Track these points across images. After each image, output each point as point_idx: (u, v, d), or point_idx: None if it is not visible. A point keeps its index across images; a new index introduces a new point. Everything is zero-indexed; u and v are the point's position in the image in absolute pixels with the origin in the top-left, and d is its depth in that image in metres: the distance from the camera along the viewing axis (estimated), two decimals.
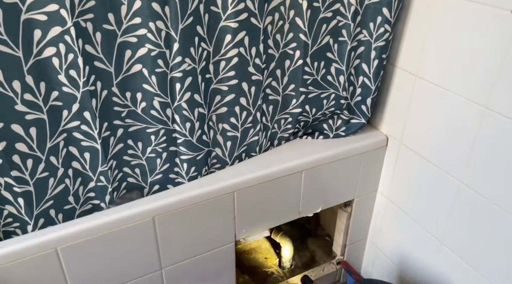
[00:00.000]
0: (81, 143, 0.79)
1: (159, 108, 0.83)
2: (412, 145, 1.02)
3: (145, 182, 0.93)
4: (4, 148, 0.70)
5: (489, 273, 0.88)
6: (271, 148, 1.07)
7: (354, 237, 1.26)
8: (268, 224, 1.06)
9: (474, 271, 0.92)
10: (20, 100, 0.68)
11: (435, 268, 1.04)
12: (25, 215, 0.78)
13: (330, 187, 1.10)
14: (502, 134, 0.79)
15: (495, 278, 0.87)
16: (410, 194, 1.07)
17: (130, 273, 0.90)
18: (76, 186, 0.84)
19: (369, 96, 1.03)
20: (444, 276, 1.01)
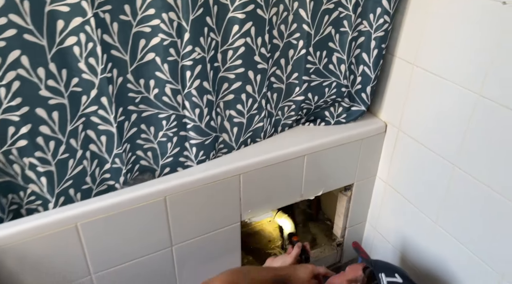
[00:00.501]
0: (98, 126, 0.85)
1: (170, 94, 0.88)
2: (410, 131, 1.07)
3: (157, 165, 0.98)
4: (29, 130, 0.76)
5: (481, 252, 0.94)
6: (275, 134, 1.12)
7: (353, 220, 1.32)
8: (272, 206, 1.12)
9: (468, 250, 0.97)
10: (44, 86, 0.74)
11: (430, 249, 1.10)
12: (47, 193, 0.84)
13: (331, 171, 1.15)
14: (494, 120, 0.84)
15: (487, 256, 0.93)
16: (408, 178, 1.12)
17: (144, 249, 0.97)
18: (93, 167, 0.90)
19: (369, 84, 1.08)
20: (439, 256, 1.07)
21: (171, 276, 1.05)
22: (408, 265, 1.19)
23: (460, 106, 0.91)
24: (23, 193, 0.84)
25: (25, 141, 0.77)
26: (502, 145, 0.83)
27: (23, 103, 0.73)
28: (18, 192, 0.84)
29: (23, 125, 0.75)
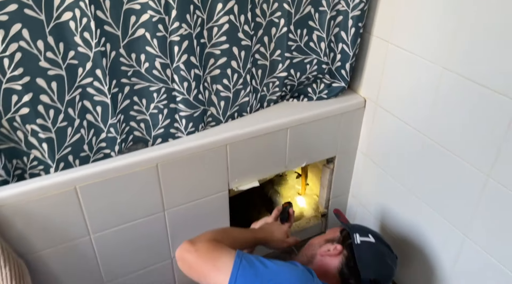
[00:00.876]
0: (94, 97, 0.92)
1: (160, 68, 0.95)
2: (386, 106, 1.15)
3: (149, 135, 1.06)
4: (30, 99, 0.83)
5: (449, 214, 1.02)
6: (261, 109, 1.20)
7: (336, 192, 1.40)
8: (258, 175, 1.20)
9: (438, 214, 1.06)
10: (43, 57, 0.81)
11: (406, 215, 1.18)
12: (48, 159, 0.92)
13: (313, 144, 1.23)
14: (458, 92, 0.91)
15: (454, 218, 1.01)
16: (385, 151, 1.20)
17: (138, 213, 1.05)
18: (90, 136, 0.98)
19: (348, 61, 1.15)
20: (413, 221, 1.15)
21: (164, 238, 1.14)
22: (387, 232, 1.27)
23: (428, 80, 0.98)
24: (26, 158, 0.92)
25: (27, 109, 0.84)
26: (466, 116, 0.90)
27: (24, 73, 0.80)
28: (22, 157, 0.92)
29: (25, 94, 0.82)
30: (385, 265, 0.93)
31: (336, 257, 0.92)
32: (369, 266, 0.90)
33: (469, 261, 0.99)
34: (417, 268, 1.18)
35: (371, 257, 0.92)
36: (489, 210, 0.90)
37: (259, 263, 0.78)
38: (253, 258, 0.79)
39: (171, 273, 1.22)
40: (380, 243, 0.96)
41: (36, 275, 0.98)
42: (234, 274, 0.75)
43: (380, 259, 0.93)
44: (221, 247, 0.81)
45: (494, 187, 0.87)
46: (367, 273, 0.89)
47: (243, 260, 0.77)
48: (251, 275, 0.76)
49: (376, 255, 0.93)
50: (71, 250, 1.00)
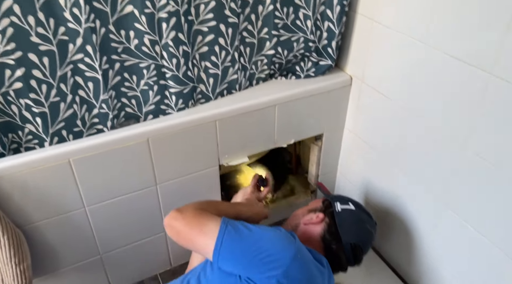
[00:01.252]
0: (85, 73, 0.95)
1: (149, 45, 0.98)
2: (371, 83, 1.18)
3: (140, 112, 1.10)
4: (23, 74, 0.87)
5: (429, 185, 1.06)
6: (250, 86, 1.23)
7: (325, 169, 1.44)
8: (247, 151, 1.24)
9: (419, 186, 1.10)
10: (35, 33, 0.84)
11: (389, 188, 1.22)
12: (42, 133, 0.96)
13: (301, 121, 1.27)
14: (436, 66, 0.94)
15: (433, 188, 1.05)
16: (370, 127, 1.24)
17: (131, 186, 1.09)
18: (82, 111, 1.01)
19: (334, 39, 1.18)
20: (397, 193, 1.20)
21: (157, 212, 1.18)
22: (372, 205, 1.32)
23: (410, 56, 1.01)
24: (21, 132, 0.96)
25: (20, 83, 0.88)
26: (445, 90, 0.94)
27: (16, 48, 0.84)
28: (17, 131, 0.95)
29: (17, 68, 0.85)
30: (365, 230, 0.98)
31: (319, 224, 0.96)
32: (349, 231, 0.95)
33: (447, 229, 1.04)
34: (399, 237, 1.23)
35: (351, 223, 0.96)
36: (465, 179, 0.94)
37: (243, 227, 0.82)
38: (238, 223, 0.84)
39: (165, 246, 1.27)
40: (360, 210, 1.01)
41: (34, 246, 1.02)
42: (220, 238, 0.80)
43: (359, 224, 0.98)
44: (207, 214, 0.85)
45: (470, 157, 0.91)
46: (347, 238, 0.93)
47: (228, 225, 0.82)
48: (236, 238, 0.80)
49: (356, 221, 0.98)
50: (67, 222, 1.04)
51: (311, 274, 0.82)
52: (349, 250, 0.94)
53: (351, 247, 0.93)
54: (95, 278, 1.20)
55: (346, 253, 0.93)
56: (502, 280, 0.92)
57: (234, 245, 0.79)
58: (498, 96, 0.81)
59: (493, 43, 0.79)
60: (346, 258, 0.94)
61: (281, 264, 0.77)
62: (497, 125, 0.83)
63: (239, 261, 0.78)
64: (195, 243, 0.83)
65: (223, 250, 0.78)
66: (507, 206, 0.86)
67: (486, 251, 0.93)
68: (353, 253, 0.94)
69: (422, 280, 1.20)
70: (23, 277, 0.96)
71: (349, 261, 0.95)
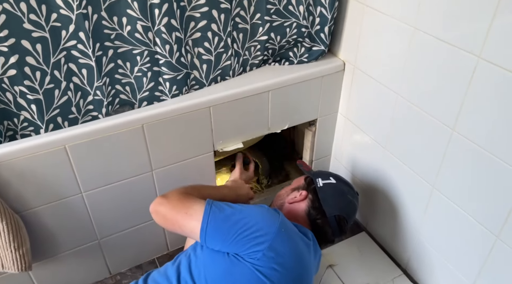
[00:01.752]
0: (79, 60, 0.96)
1: (142, 31, 0.99)
2: (363, 68, 1.19)
3: (135, 99, 1.11)
4: (17, 60, 0.87)
5: (420, 168, 1.09)
6: (244, 72, 1.24)
7: (319, 154, 1.46)
8: (242, 137, 1.26)
9: (410, 169, 1.12)
10: (27, 19, 0.84)
11: (382, 172, 1.25)
12: (38, 120, 0.97)
13: (295, 107, 1.28)
14: (426, 50, 0.95)
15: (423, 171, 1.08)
16: (362, 111, 1.26)
17: (127, 172, 1.11)
18: (77, 98, 1.02)
19: (326, 25, 1.18)
20: (390, 177, 1.22)
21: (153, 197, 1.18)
22: (365, 189, 1.34)
23: (400, 40, 1.02)
24: (16, 120, 0.97)
25: (14, 70, 0.88)
26: (434, 74, 0.95)
27: (9, 35, 0.84)
28: (12, 119, 0.96)
29: (11, 55, 0.86)
30: (347, 201, 1.03)
31: (303, 201, 1.00)
32: (332, 204, 0.99)
33: (437, 211, 1.07)
34: (390, 218, 1.26)
35: (333, 195, 1.01)
36: (454, 161, 0.97)
37: (227, 207, 0.85)
38: (222, 203, 0.86)
39: (162, 230, 1.29)
40: (341, 182, 1.05)
41: (33, 231, 1.04)
42: (205, 219, 0.82)
43: (341, 196, 1.02)
44: (191, 197, 0.88)
45: (459, 140, 0.93)
46: (331, 211, 0.98)
47: (212, 206, 0.84)
48: (221, 218, 0.83)
49: (338, 193, 1.02)
50: (64, 207, 1.06)
51: (296, 246, 0.85)
52: (334, 222, 0.98)
53: (336, 219, 0.98)
54: (94, 262, 1.22)
55: (332, 226, 0.98)
56: (489, 257, 0.95)
57: (219, 225, 0.82)
58: (486, 80, 0.83)
59: (482, 27, 0.80)
60: (332, 231, 0.98)
61: (266, 239, 0.80)
62: (485, 108, 0.85)
63: (225, 240, 0.81)
64: (182, 226, 0.85)
65: (209, 230, 0.81)
66: (494, 187, 0.88)
67: (474, 230, 0.96)
68: (338, 225, 0.98)
69: (411, 259, 1.23)
70: (23, 261, 0.98)
71: (335, 233, 1.00)
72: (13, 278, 1.10)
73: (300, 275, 0.86)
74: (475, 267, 0.99)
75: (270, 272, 0.80)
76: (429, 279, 1.19)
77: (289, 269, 0.83)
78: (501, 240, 0.90)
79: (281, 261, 0.82)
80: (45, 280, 1.16)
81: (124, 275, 1.29)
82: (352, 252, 1.34)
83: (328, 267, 1.28)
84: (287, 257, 0.83)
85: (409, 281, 1.24)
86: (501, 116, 0.82)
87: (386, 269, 1.28)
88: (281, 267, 0.81)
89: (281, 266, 0.82)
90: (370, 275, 1.25)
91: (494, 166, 0.86)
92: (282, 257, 0.82)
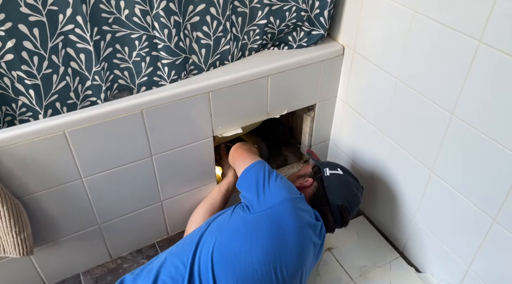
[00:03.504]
0: (77, 44, 0.95)
1: (140, 15, 0.97)
2: (363, 52, 1.19)
3: (133, 84, 1.10)
4: (14, 45, 0.86)
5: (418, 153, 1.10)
6: (242, 57, 1.23)
7: (318, 139, 1.47)
8: (241, 122, 1.25)
9: (406, 152, 1.13)
10: (24, 3, 0.83)
11: (380, 155, 1.26)
12: (36, 105, 0.96)
13: (294, 92, 1.28)
14: (426, 36, 0.95)
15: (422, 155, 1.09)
16: (361, 95, 1.26)
17: (127, 157, 1.11)
18: (75, 83, 1.01)
19: (326, 8, 1.17)
20: (388, 162, 1.23)
21: (153, 182, 1.20)
22: (362, 173, 1.35)
23: (400, 24, 1.01)
24: (15, 105, 0.96)
25: (12, 55, 0.87)
26: (433, 58, 0.95)
27: (6, 19, 0.83)
28: (10, 104, 0.96)
29: (8, 39, 0.85)
30: (351, 193, 1.04)
31: (308, 188, 1.02)
32: (337, 193, 1.00)
33: (435, 195, 1.08)
34: (388, 202, 1.27)
35: (339, 186, 1.02)
36: (452, 146, 0.97)
37: (268, 174, 1.02)
38: (269, 168, 1.04)
39: (162, 215, 1.30)
40: (347, 174, 1.06)
41: (34, 216, 1.05)
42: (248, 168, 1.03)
43: (346, 187, 1.03)
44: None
45: (458, 124, 0.94)
46: (335, 200, 0.99)
47: (259, 163, 1.07)
48: (254, 176, 1.01)
49: (343, 184, 1.03)
50: (65, 192, 1.06)
51: (300, 219, 0.92)
52: (336, 211, 0.99)
53: (338, 208, 0.99)
54: (95, 247, 1.24)
55: (334, 214, 0.99)
56: (485, 240, 0.97)
57: (251, 178, 0.99)
58: (486, 64, 0.83)
59: (483, 11, 0.80)
60: (334, 219, 1.00)
61: (288, 196, 0.91)
62: (484, 92, 0.85)
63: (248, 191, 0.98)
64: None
65: (242, 177, 1.01)
66: (492, 171, 0.89)
67: (471, 213, 0.98)
68: (340, 214, 1.00)
69: (408, 242, 1.26)
70: (24, 246, 0.99)
71: (337, 222, 1.02)
72: (15, 263, 1.11)
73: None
74: (471, 249, 1.01)
75: None
76: (426, 261, 1.21)
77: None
78: (498, 223, 0.91)
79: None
80: (47, 265, 1.18)
81: (124, 259, 1.30)
82: (350, 235, 1.36)
83: (326, 250, 1.30)
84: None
85: (406, 263, 1.26)
86: (500, 101, 0.82)
87: (383, 252, 1.30)
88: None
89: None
90: (368, 258, 1.28)
91: (492, 149, 0.87)
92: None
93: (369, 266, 1.25)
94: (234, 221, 0.93)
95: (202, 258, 0.88)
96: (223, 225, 0.94)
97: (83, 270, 1.26)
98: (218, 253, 0.87)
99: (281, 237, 0.88)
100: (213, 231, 0.94)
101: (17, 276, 1.14)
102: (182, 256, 0.90)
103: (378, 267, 1.25)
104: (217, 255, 0.87)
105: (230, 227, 0.93)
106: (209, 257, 0.87)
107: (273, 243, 0.87)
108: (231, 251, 0.86)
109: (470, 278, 1.05)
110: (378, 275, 1.23)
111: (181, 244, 0.97)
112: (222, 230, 0.92)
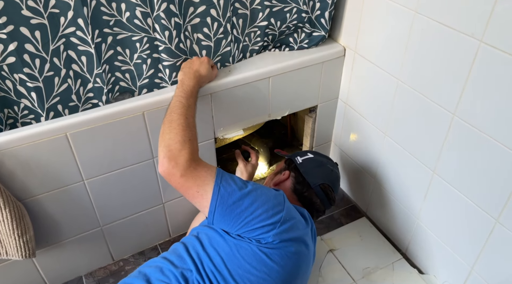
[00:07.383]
0: (78, 47, 0.95)
1: (141, 17, 0.98)
2: (364, 53, 1.19)
3: (135, 86, 1.10)
4: (16, 48, 0.86)
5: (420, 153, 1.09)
6: (244, 59, 1.23)
7: (319, 140, 1.47)
8: (242, 124, 1.26)
9: (408, 153, 1.13)
10: (25, 6, 0.83)
11: (382, 157, 1.25)
12: (38, 107, 0.97)
13: (295, 93, 1.27)
14: (428, 37, 0.95)
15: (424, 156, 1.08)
16: (362, 97, 1.25)
17: (129, 159, 1.11)
18: (77, 86, 1.01)
19: (327, 10, 1.17)
20: (390, 163, 1.23)
21: (155, 184, 1.21)
22: (365, 175, 1.35)
23: (401, 24, 1.01)
24: (17, 108, 0.97)
25: (14, 58, 0.88)
26: (435, 59, 0.95)
27: (8, 22, 0.83)
28: (12, 107, 0.96)
29: (10, 42, 0.85)
30: (328, 170, 1.08)
31: (287, 180, 1.06)
32: (314, 174, 1.04)
33: (437, 196, 1.07)
34: (390, 204, 1.27)
35: (314, 167, 1.06)
36: (455, 146, 0.97)
37: (237, 189, 0.84)
38: (232, 183, 0.85)
39: (164, 217, 1.31)
40: (318, 155, 1.12)
41: (36, 218, 1.05)
42: (213, 203, 0.83)
43: (321, 166, 1.08)
44: (200, 166, 0.86)
45: (460, 124, 0.93)
46: (315, 180, 1.03)
47: (221, 187, 0.83)
48: (228, 204, 0.83)
49: (317, 164, 1.08)
50: (67, 195, 1.07)
51: (298, 231, 0.89)
52: (320, 191, 1.02)
53: (321, 187, 1.03)
54: (97, 249, 1.24)
55: (319, 195, 1.03)
56: (488, 241, 0.96)
57: (225, 211, 0.83)
58: (488, 64, 0.83)
59: (484, 11, 0.80)
60: (320, 200, 1.03)
61: (270, 228, 0.83)
62: (486, 93, 0.85)
63: (231, 225, 0.84)
64: (193, 202, 0.87)
65: (216, 215, 0.83)
66: (495, 171, 0.89)
67: (473, 214, 0.97)
68: (324, 193, 1.03)
69: (411, 243, 1.25)
70: (26, 248, 1.00)
71: (324, 202, 1.04)
72: (17, 265, 1.11)
73: (299, 262, 0.88)
74: (474, 250, 1.01)
75: (272, 252, 0.84)
76: (429, 263, 1.20)
77: (290, 255, 0.86)
78: (501, 224, 0.91)
79: (285, 245, 0.85)
80: (49, 267, 1.18)
81: (126, 261, 1.30)
82: (352, 237, 1.35)
83: (328, 252, 1.29)
84: (290, 246, 0.86)
85: (408, 265, 1.25)
86: (502, 101, 0.82)
87: (386, 253, 1.30)
88: (285, 251, 0.85)
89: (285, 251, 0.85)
90: (370, 260, 1.27)
91: (494, 150, 0.87)
92: (286, 243, 0.85)
93: (372, 268, 1.25)
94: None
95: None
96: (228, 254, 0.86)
97: (85, 272, 1.27)
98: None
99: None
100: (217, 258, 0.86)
101: (19, 279, 1.14)
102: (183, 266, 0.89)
103: (381, 268, 1.25)
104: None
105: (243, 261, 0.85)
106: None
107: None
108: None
109: (473, 279, 1.04)
110: (381, 276, 1.22)
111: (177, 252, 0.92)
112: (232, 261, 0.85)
